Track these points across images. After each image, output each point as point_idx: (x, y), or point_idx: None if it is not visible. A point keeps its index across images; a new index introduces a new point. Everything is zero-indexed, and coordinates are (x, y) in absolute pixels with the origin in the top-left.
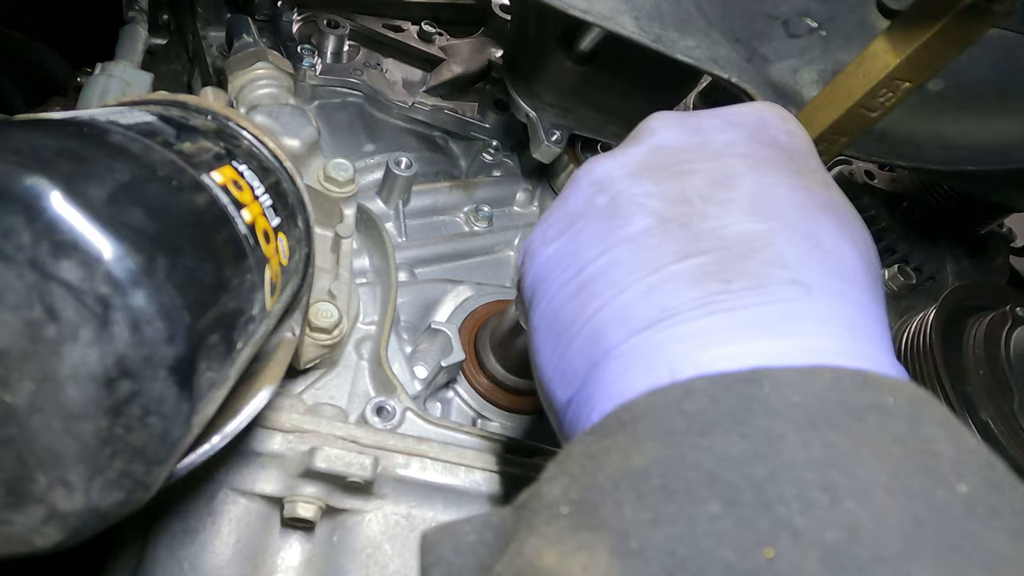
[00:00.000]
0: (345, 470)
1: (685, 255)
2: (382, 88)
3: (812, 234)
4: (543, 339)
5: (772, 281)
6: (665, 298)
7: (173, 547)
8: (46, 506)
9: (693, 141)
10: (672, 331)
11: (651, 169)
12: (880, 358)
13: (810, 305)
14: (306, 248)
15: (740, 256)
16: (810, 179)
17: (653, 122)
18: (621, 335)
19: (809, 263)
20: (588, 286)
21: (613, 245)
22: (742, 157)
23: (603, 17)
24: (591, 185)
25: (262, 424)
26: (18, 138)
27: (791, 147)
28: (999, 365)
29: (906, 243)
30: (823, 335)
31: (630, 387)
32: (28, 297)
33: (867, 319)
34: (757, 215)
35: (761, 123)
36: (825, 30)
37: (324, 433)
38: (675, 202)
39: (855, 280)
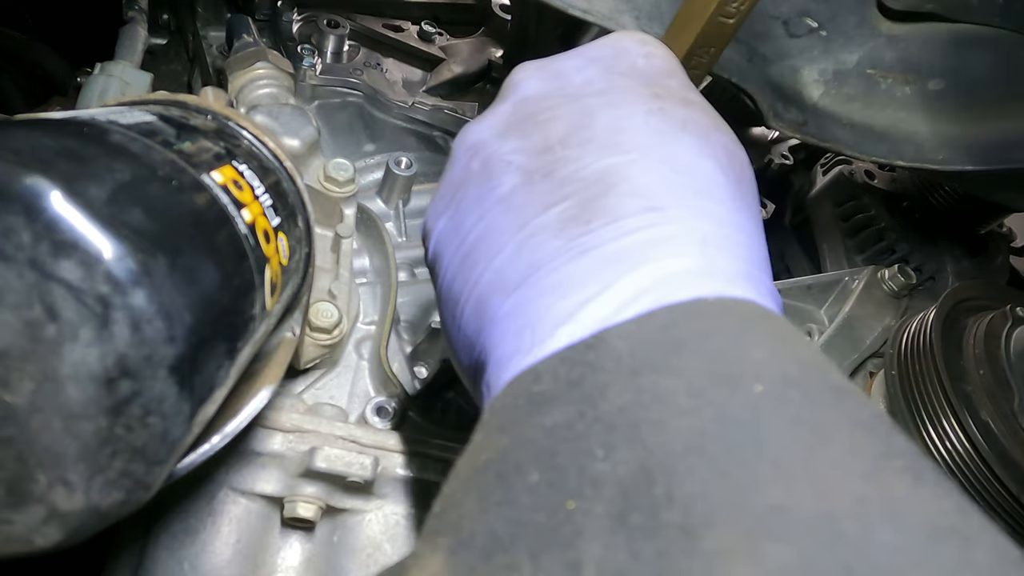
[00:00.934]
0: (345, 470)
1: (549, 204)
2: (382, 88)
3: (668, 156)
4: (443, 313)
5: (628, 212)
6: (533, 252)
7: (173, 547)
8: (46, 506)
9: (554, 86)
10: (538, 285)
11: (516, 124)
12: (733, 269)
13: (665, 228)
14: (306, 248)
15: (599, 194)
16: (668, 100)
17: (516, 74)
18: (499, 299)
19: (665, 186)
20: (470, 255)
21: (489, 208)
22: (599, 93)
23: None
24: (466, 152)
25: (262, 424)
26: (18, 138)
27: (649, 70)
28: (999, 365)
29: (906, 243)
30: (675, 256)
31: (508, 350)
32: (28, 297)
33: (724, 229)
34: (613, 149)
35: (618, 53)
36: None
37: (324, 433)
38: (539, 152)
39: (713, 194)
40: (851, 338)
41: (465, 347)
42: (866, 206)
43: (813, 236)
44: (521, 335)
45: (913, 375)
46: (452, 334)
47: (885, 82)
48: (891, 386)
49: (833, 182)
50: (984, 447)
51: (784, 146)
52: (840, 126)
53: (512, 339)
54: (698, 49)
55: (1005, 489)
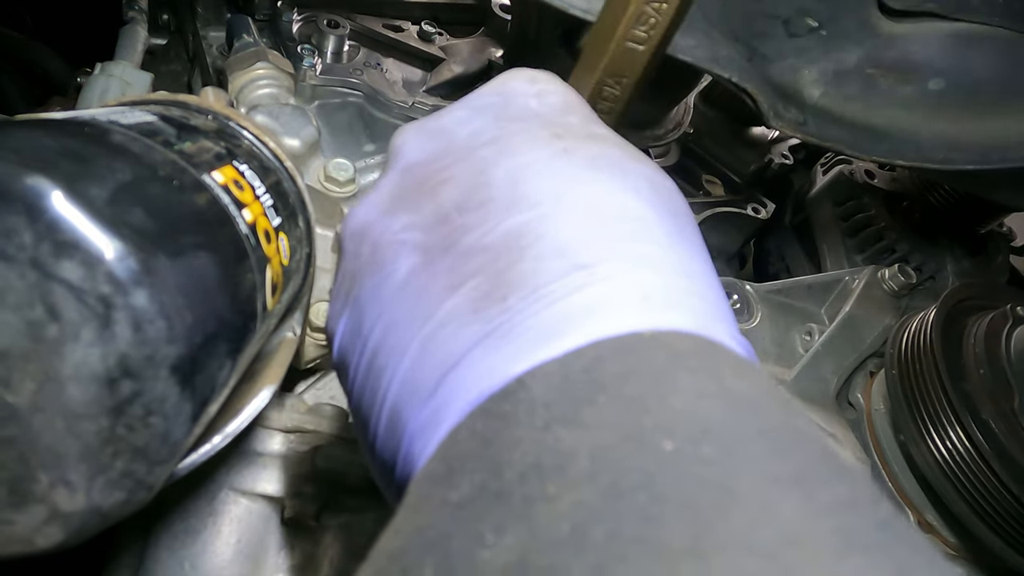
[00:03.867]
0: (345, 470)
1: (455, 285)
2: (382, 88)
3: (582, 202)
4: (357, 434)
5: (550, 277)
6: (444, 346)
7: (174, 547)
8: (48, 506)
9: (439, 146)
10: (455, 384)
11: (404, 195)
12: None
13: (596, 288)
14: (307, 248)
15: (511, 261)
16: (570, 139)
17: (396, 140)
18: (414, 412)
19: (586, 237)
20: (374, 361)
21: (387, 301)
22: (491, 144)
23: None
24: (352, 238)
25: (263, 424)
26: (19, 138)
27: (545, 110)
28: (999, 364)
29: (906, 243)
30: (614, 315)
31: None
32: (29, 297)
33: (666, 278)
34: (518, 205)
35: (506, 96)
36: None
37: (325, 433)
38: (434, 225)
39: (643, 235)
40: (851, 338)
41: (384, 475)
42: (866, 206)
43: (813, 236)
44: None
45: (913, 375)
46: (366, 450)
47: (885, 82)
48: (891, 386)
49: (833, 182)
50: (984, 447)
51: (784, 146)
52: (840, 126)
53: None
54: (608, 80)
55: (1005, 489)
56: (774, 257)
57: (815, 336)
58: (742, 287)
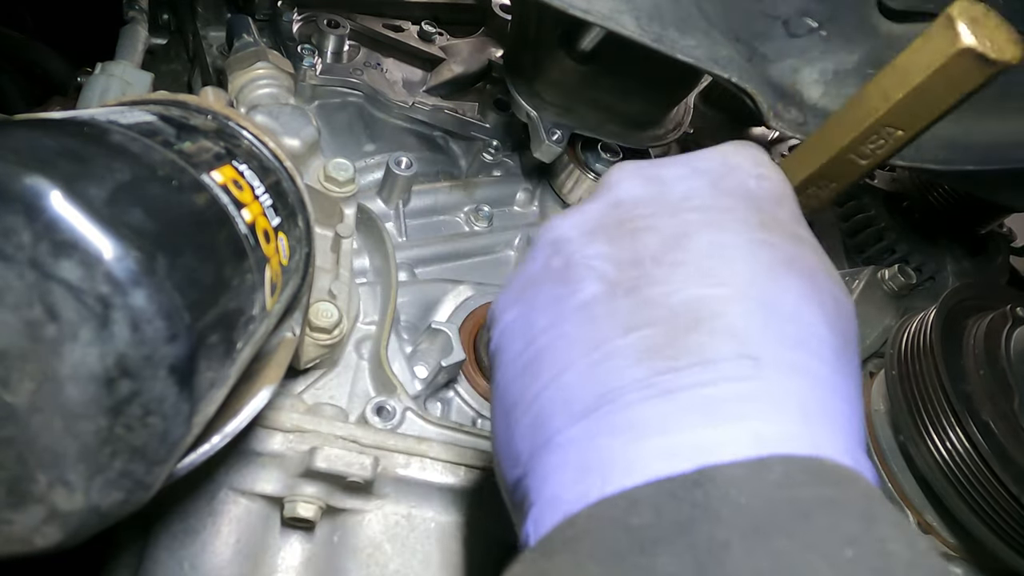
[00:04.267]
0: (345, 470)
1: (631, 327)
2: (382, 88)
3: (769, 298)
4: (496, 413)
5: (719, 356)
6: (607, 379)
7: (173, 547)
8: (46, 506)
9: (652, 193)
10: (610, 420)
11: (606, 227)
12: (834, 442)
13: (759, 384)
14: (306, 248)
15: (687, 327)
16: (776, 232)
17: (612, 175)
18: (561, 422)
19: (762, 332)
20: (535, 362)
21: (562, 315)
22: (700, 210)
23: (603, 17)
24: (548, 246)
25: (262, 424)
26: (18, 138)
27: (760, 194)
28: (999, 365)
29: (906, 243)
30: (770, 419)
31: (566, 489)
32: (28, 297)
33: (825, 394)
34: (709, 278)
35: (727, 169)
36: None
37: (324, 433)
38: (626, 265)
39: (816, 349)
40: None
41: (511, 461)
42: (866, 206)
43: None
44: (585, 477)
45: (913, 375)
46: (500, 440)
47: None
48: (891, 386)
49: None
50: (984, 447)
51: (784, 146)
52: None
53: (572, 477)
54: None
55: (1005, 489)
56: None
57: None
58: None
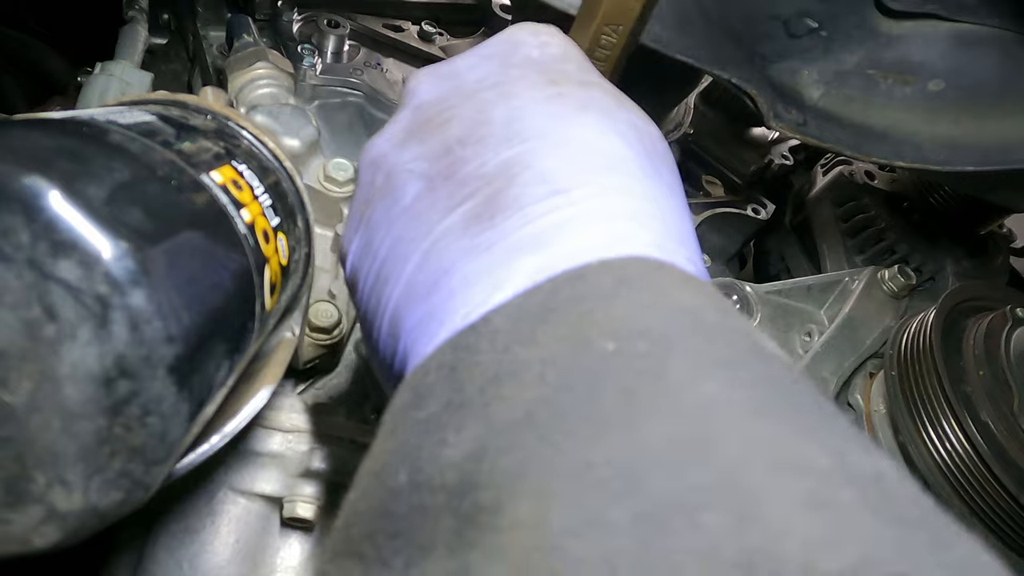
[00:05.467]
0: (344, 470)
1: (452, 207)
2: (382, 88)
3: (569, 139)
4: (364, 337)
5: (532, 200)
6: (439, 258)
7: (172, 547)
8: (45, 506)
9: (448, 87)
10: (446, 287)
11: (415, 131)
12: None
13: (569, 210)
14: (306, 248)
15: (501, 188)
16: (565, 84)
17: (411, 82)
18: (410, 310)
19: (568, 168)
20: (381, 271)
21: (395, 221)
22: (493, 87)
23: None
24: (368, 167)
25: (262, 424)
26: (17, 137)
27: (544, 59)
28: (999, 365)
29: (906, 243)
30: (579, 235)
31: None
32: (27, 296)
33: (635, 203)
34: (512, 140)
35: (512, 46)
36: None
37: (323, 433)
38: (439, 156)
39: (621, 169)
40: (851, 339)
41: (384, 368)
42: (866, 206)
43: (813, 236)
44: (428, 342)
45: (913, 376)
46: (370, 355)
47: (885, 82)
48: (891, 387)
49: (833, 182)
50: (984, 448)
51: (784, 146)
52: (840, 127)
53: (420, 348)
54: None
55: (1004, 490)
56: (774, 258)
57: (815, 337)
58: (742, 288)
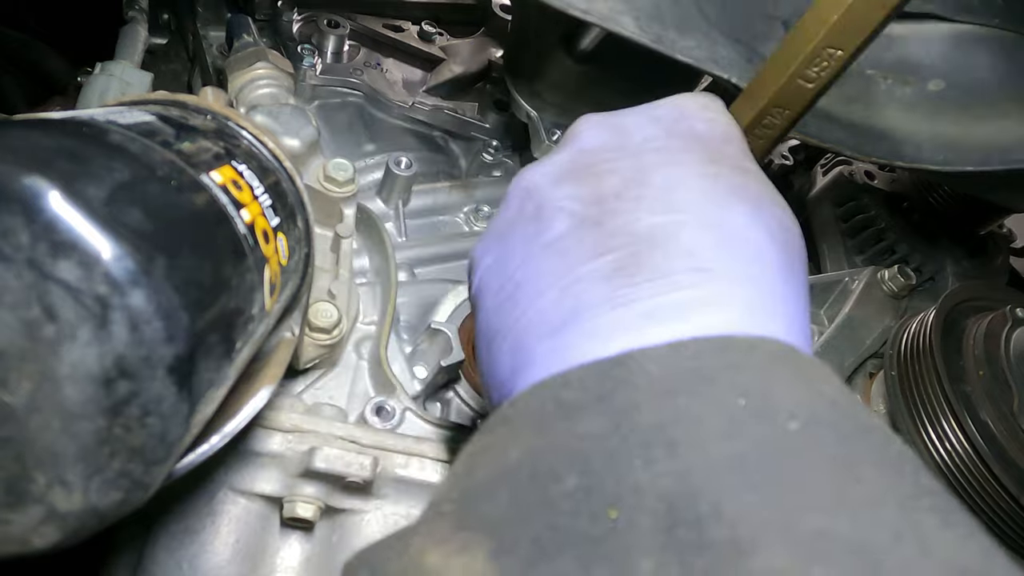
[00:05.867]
0: (344, 470)
1: (597, 253)
2: (382, 88)
3: (719, 221)
4: (480, 348)
5: (674, 271)
6: (576, 298)
7: (172, 547)
8: (44, 506)
9: (614, 141)
10: (578, 330)
11: (573, 172)
12: (770, 327)
13: (709, 289)
14: (306, 248)
15: (647, 249)
16: (724, 165)
17: (578, 126)
18: (537, 340)
19: (713, 249)
20: (513, 295)
21: (536, 251)
22: (656, 152)
23: (603, 17)
24: (521, 194)
25: (261, 424)
26: (16, 137)
27: (708, 135)
28: (999, 365)
29: (906, 243)
30: (716, 315)
31: None
32: (26, 297)
33: (772, 299)
34: (666, 208)
35: (679, 115)
36: None
37: (323, 433)
38: (592, 202)
39: (763, 262)
40: (851, 339)
41: (497, 384)
42: (866, 206)
43: (813, 236)
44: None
45: (913, 376)
46: (486, 369)
47: (885, 82)
48: (891, 387)
49: (833, 182)
50: (983, 448)
51: (784, 146)
52: (840, 127)
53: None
54: (772, 109)
55: (1004, 490)
56: None
57: (814, 337)
58: None
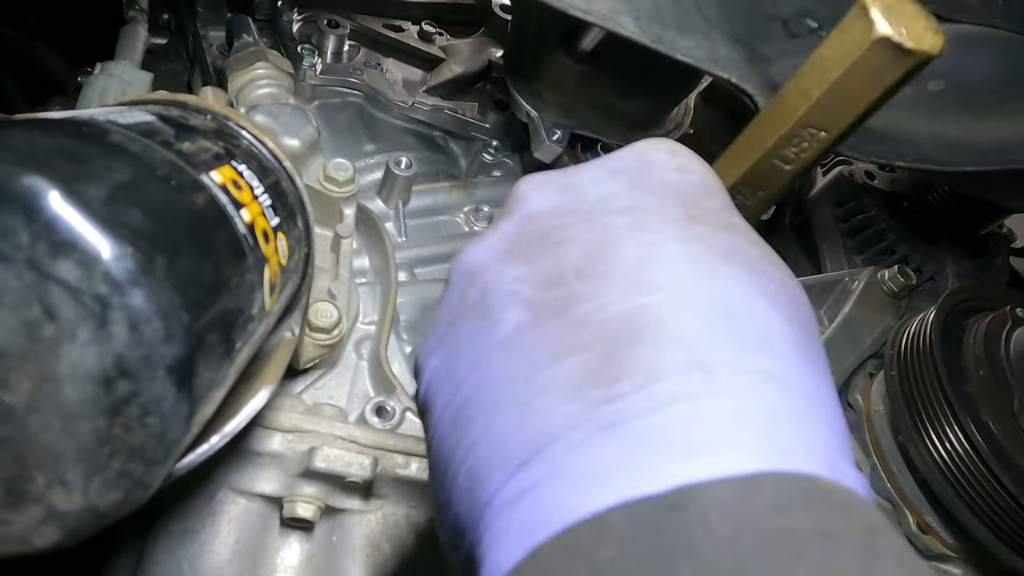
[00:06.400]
0: (344, 470)
1: (562, 353)
2: (382, 88)
3: (712, 296)
4: (432, 474)
5: (666, 370)
6: (541, 419)
7: (172, 547)
8: (44, 506)
9: (566, 201)
10: (550, 467)
11: (522, 246)
12: (816, 455)
13: (717, 399)
14: (306, 248)
15: (626, 343)
16: (707, 224)
17: (520, 187)
18: (499, 478)
19: (711, 335)
20: (463, 412)
21: (487, 352)
22: (622, 212)
23: (603, 17)
24: (462, 278)
25: (261, 424)
26: (16, 137)
27: (682, 187)
28: (999, 366)
29: (906, 243)
30: (735, 442)
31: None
32: (26, 297)
33: (796, 400)
34: (642, 286)
35: (644, 165)
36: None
37: (323, 433)
38: (550, 284)
39: (774, 347)
40: (851, 339)
41: (453, 528)
42: (866, 206)
43: (813, 236)
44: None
45: (913, 376)
46: (438, 497)
47: None
48: (891, 387)
49: (833, 182)
50: (983, 448)
51: None
52: None
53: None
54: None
55: (1004, 490)
56: None
57: None
58: None
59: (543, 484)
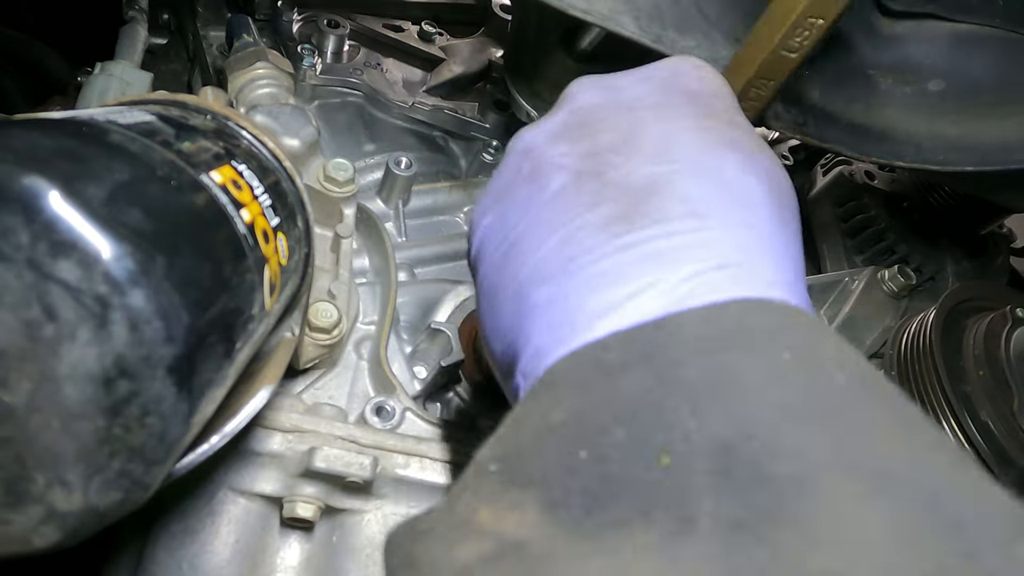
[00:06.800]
0: (344, 470)
1: (595, 204)
2: (382, 88)
3: (713, 170)
4: (481, 305)
5: (670, 216)
6: (574, 247)
7: (172, 547)
8: (44, 506)
9: (608, 98)
10: (577, 275)
11: (568, 130)
12: (778, 276)
13: (705, 234)
14: (306, 248)
15: (644, 198)
16: (717, 120)
17: (572, 87)
18: (537, 287)
19: (707, 196)
20: (512, 249)
21: (535, 207)
22: (650, 108)
23: (603, 17)
24: (518, 155)
25: (261, 424)
26: (16, 137)
27: (701, 92)
28: (999, 365)
29: (906, 244)
30: (716, 259)
31: (544, 340)
32: (26, 297)
33: (766, 242)
34: (660, 159)
35: (673, 74)
36: None
37: (323, 433)
38: (588, 157)
39: (755, 207)
40: (851, 339)
41: (499, 336)
42: (866, 206)
43: (813, 236)
44: (559, 327)
45: (913, 376)
46: (487, 323)
47: (885, 82)
48: None
49: (833, 182)
50: (984, 448)
51: (784, 146)
52: (840, 127)
53: (549, 330)
54: (757, 81)
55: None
56: None
57: None
58: None
59: (570, 290)
